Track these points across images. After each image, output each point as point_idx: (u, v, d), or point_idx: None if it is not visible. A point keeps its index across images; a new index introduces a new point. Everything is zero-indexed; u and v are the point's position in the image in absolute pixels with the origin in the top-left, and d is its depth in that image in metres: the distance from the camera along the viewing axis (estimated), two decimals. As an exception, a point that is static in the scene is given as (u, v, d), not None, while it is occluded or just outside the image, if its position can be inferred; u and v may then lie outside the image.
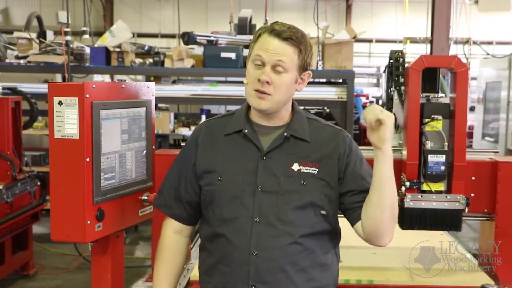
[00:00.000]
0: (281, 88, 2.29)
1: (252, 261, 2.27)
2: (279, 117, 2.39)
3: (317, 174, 2.32)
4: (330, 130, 2.44)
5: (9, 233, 5.68)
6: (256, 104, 2.31)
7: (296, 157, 2.34)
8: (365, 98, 14.13)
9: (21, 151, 5.98)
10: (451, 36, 9.22)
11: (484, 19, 14.81)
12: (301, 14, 15.98)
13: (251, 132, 2.37)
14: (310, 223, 2.31)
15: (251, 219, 2.28)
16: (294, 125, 2.39)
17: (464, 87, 3.39)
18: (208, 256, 2.41)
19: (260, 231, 2.27)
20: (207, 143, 2.44)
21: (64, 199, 2.60)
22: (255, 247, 2.27)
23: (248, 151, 2.35)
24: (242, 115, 2.43)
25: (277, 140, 2.36)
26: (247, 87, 2.33)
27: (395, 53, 3.69)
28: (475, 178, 3.61)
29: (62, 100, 2.55)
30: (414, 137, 3.39)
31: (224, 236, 2.32)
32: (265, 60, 2.27)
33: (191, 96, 7.34)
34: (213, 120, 2.54)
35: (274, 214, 2.28)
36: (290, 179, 2.31)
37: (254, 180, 2.31)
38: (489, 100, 10.28)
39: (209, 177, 2.38)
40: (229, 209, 2.32)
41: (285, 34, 2.27)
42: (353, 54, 7.09)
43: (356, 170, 2.36)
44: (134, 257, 6.90)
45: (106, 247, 2.85)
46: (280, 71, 2.28)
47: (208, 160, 2.40)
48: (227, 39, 7.45)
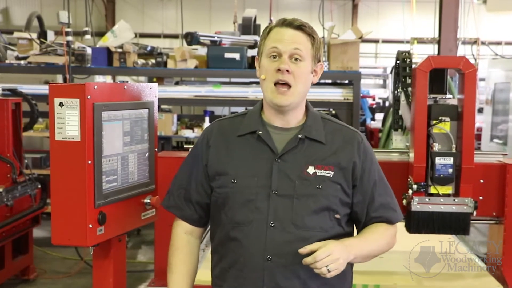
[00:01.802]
0: (301, 77, 2.27)
1: (267, 267, 2.25)
2: (294, 116, 2.35)
3: (333, 177, 2.30)
4: (345, 131, 2.40)
5: (9, 237, 5.62)
6: (278, 101, 2.27)
7: (311, 160, 2.30)
8: (372, 100, 14.08)
9: (21, 154, 5.93)
10: (459, 36, 9.16)
11: (493, 19, 14.75)
12: (307, 14, 15.90)
13: (265, 134, 2.34)
14: (325, 227, 2.29)
15: (265, 224, 2.25)
16: (308, 126, 2.35)
17: (472, 88, 3.35)
18: (221, 260, 2.38)
19: (275, 236, 2.24)
20: (219, 144, 2.40)
21: (65, 202, 2.59)
22: (269, 252, 2.24)
23: (262, 153, 2.31)
24: (256, 115, 2.39)
25: (291, 142, 2.32)
26: (265, 83, 2.30)
27: (402, 54, 3.68)
28: (484, 181, 3.56)
29: (63, 101, 2.53)
30: (421, 139, 3.35)
31: (238, 240, 2.29)
32: (281, 50, 2.25)
33: (194, 97, 7.30)
34: (225, 120, 2.50)
35: (289, 218, 2.25)
36: (306, 183, 2.28)
37: (268, 184, 2.28)
38: (498, 101, 10.20)
39: (222, 179, 2.34)
40: (242, 212, 2.29)
41: (296, 23, 2.28)
42: (359, 54, 7.05)
43: (371, 178, 2.37)
44: (136, 262, 6.85)
45: (108, 251, 2.84)
46: (298, 59, 2.26)
47: (220, 162, 2.36)
48: (231, 39, 7.43)
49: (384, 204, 2.39)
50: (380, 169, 2.44)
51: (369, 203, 2.37)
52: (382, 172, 2.44)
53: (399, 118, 3.77)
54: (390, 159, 3.61)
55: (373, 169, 2.38)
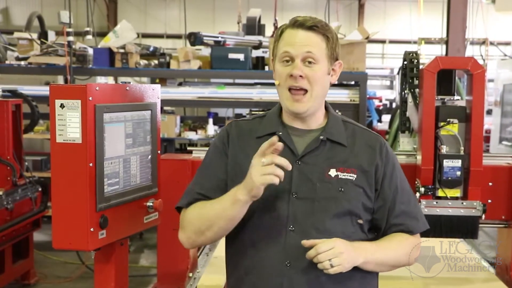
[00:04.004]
0: (316, 80, 2.20)
1: (286, 273, 2.17)
2: (314, 119, 2.29)
3: (355, 180, 2.23)
4: (367, 135, 2.34)
5: (9, 240, 5.60)
6: (294, 108, 2.22)
7: (333, 162, 2.24)
8: (378, 101, 14.00)
9: (21, 156, 5.90)
10: (467, 36, 9.11)
11: (502, 19, 14.64)
12: (312, 13, 15.49)
13: (285, 135, 2.26)
14: (347, 232, 2.20)
15: (285, 228, 2.18)
16: (330, 128, 2.29)
17: (481, 89, 3.33)
18: (236, 267, 2.29)
19: (294, 241, 2.15)
20: (238, 145, 2.31)
21: (66, 205, 2.58)
22: (288, 257, 2.16)
23: (282, 154, 2.15)
24: (275, 117, 2.33)
25: (312, 143, 2.25)
26: (280, 89, 2.24)
27: (409, 54, 3.66)
28: (492, 184, 3.53)
29: (64, 103, 2.53)
30: (429, 141, 3.33)
31: (255, 244, 2.22)
32: (293, 54, 2.19)
33: (197, 98, 7.26)
34: (243, 121, 2.42)
35: (310, 222, 2.18)
36: (327, 185, 2.21)
37: (288, 186, 2.19)
38: (507, 103, 10.18)
39: (240, 181, 2.19)
40: (260, 216, 2.21)
41: (308, 23, 2.20)
42: (365, 55, 7.00)
43: (392, 183, 2.30)
44: (138, 266, 6.83)
45: (110, 255, 2.83)
46: (312, 62, 2.19)
47: (238, 163, 2.26)
48: (235, 39, 7.42)
49: (406, 211, 2.31)
50: (404, 178, 2.37)
51: (390, 209, 2.28)
52: (405, 179, 2.37)
53: (406, 120, 3.74)
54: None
55: (395, 175, 2.31)
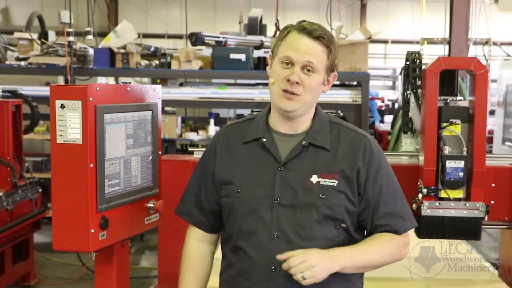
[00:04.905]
0: (311, 89, 2.24)
1: (271, 277, 2.23)
2: (300, 123, 2.32)
3: (337, 186, 2.25)
4: (353, 135, 2.35)
5: (9, 242, 5.60)
6: (284, 105, 2.24)
7: (315, 168, 2.26)
8: (381, 101, 14.03)
9: (21, 157, 5.91)
10: (470, 36, 9.13)
11: (505, 19, 14.63)
12: (314, 13, 15.84)
13: (269, 141, 2.31)
14: (330, 237, 2.26)
15: (269, 234, 2.23)
16: (314, 132, 2.31)
17: (484, 89, 3.32)
18: (229, 266, 2.37)
19: (279, 247, 2.21)
20: (225, 152, 2.39)
21: (66, 206, 2.57)
22: (274, 263, 2.20)
23: (266, 161, 2.29)
24: (262, 120, 2.37)
25: (295, 149, 2.29)
26: (274, 87, 2.27)
27: (412, 55, 3.63)
28: (495, 185, 3.50)
29: (65, 103, 2.52)
30: (432, 142, 3.31)
31: (243, 250, 2.29)
32: (294, 60, 2.22)
33: (199, 99, 7.23)
34: (233, 125, 2.49)
35: (292, 229, 2.23)
36: (309, 192, 2.24)
37: (271, 193, 2.25)
38: (510, 103, 10.18)
39: (227, 189, 2.34)
40: (247, 223, 2.28)
41: (316, 33, 2.22)
42: (368, 55, 6.94)
43: (376, 185, 2.30)
44: (139, 267, 6.84)
45: (111, 256, 2.83)
46: (310, 71, 2.22)
47: (225, 170, 2.35)
48: (237, 39, 7.40)
49: (391, 212, 2.32)
50: (390, 175, 2.37)
51: (374, 211, 2.30)
52: (393, 179, 2.38)
53: (408, 121, 3.72)
54: (399, 162, 3.56)
55: (380, 175, 2.31)
